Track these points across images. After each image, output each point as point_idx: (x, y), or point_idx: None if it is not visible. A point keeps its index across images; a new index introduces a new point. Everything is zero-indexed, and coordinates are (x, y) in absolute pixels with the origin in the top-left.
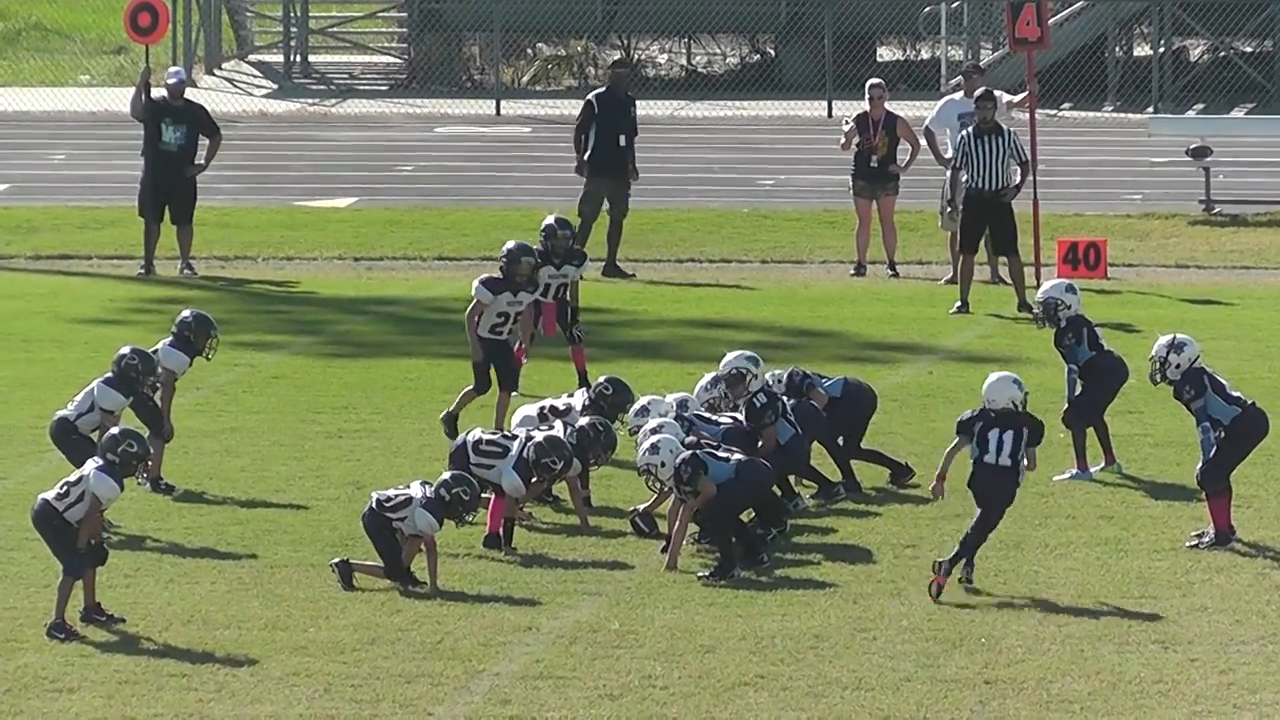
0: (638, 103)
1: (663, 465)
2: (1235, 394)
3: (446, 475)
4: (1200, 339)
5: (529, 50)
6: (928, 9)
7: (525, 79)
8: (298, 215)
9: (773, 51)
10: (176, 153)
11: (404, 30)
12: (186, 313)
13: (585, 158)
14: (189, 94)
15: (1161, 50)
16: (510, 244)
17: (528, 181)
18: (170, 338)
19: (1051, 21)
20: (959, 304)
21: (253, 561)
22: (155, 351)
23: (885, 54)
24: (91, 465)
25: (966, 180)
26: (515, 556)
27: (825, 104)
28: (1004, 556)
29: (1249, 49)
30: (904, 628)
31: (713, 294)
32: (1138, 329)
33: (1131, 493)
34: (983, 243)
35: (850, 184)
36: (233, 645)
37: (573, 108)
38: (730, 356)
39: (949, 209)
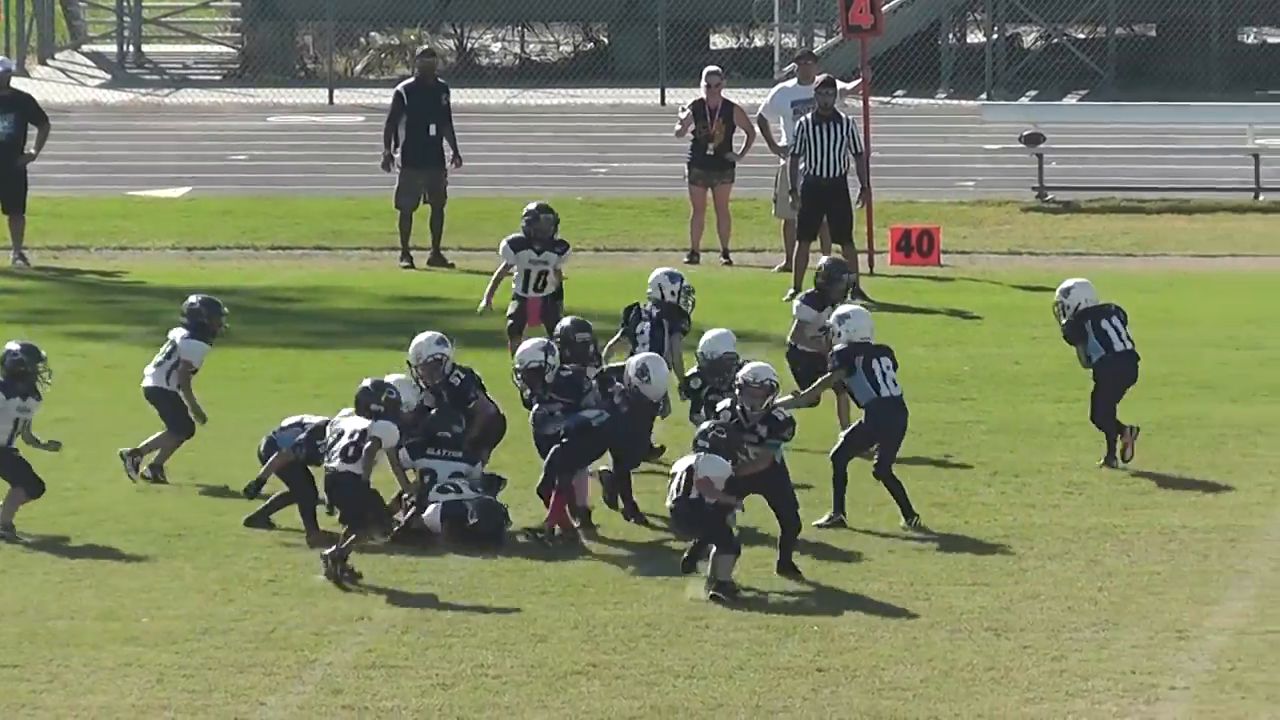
0: (473, 91)
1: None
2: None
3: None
4: (1033, 326)
5: (362, 39)
6: None
7: (358, 68)
8: (131, 205)
9: (606, 39)
10: (5, 142)
11: (237, 20)
12: (194, 298)
13: (397, 150)
14: (18, 83)
15: (995, 37)
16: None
17: (361, 170)
18: (184, 329)
19: (885, 8)
20: (793, 290)
21: (86, 551)
22: (173, 345)
23: (719, 41)
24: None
25: (804, 167)
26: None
27: (659, 92)
28: (838, 544)
29: (1082, 35)
30: (736, 616)
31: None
32: (973, 315)
33: (964, 480)
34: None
35: (686, 172)
36: (66, 636)
37: None
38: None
39: (789, 197)
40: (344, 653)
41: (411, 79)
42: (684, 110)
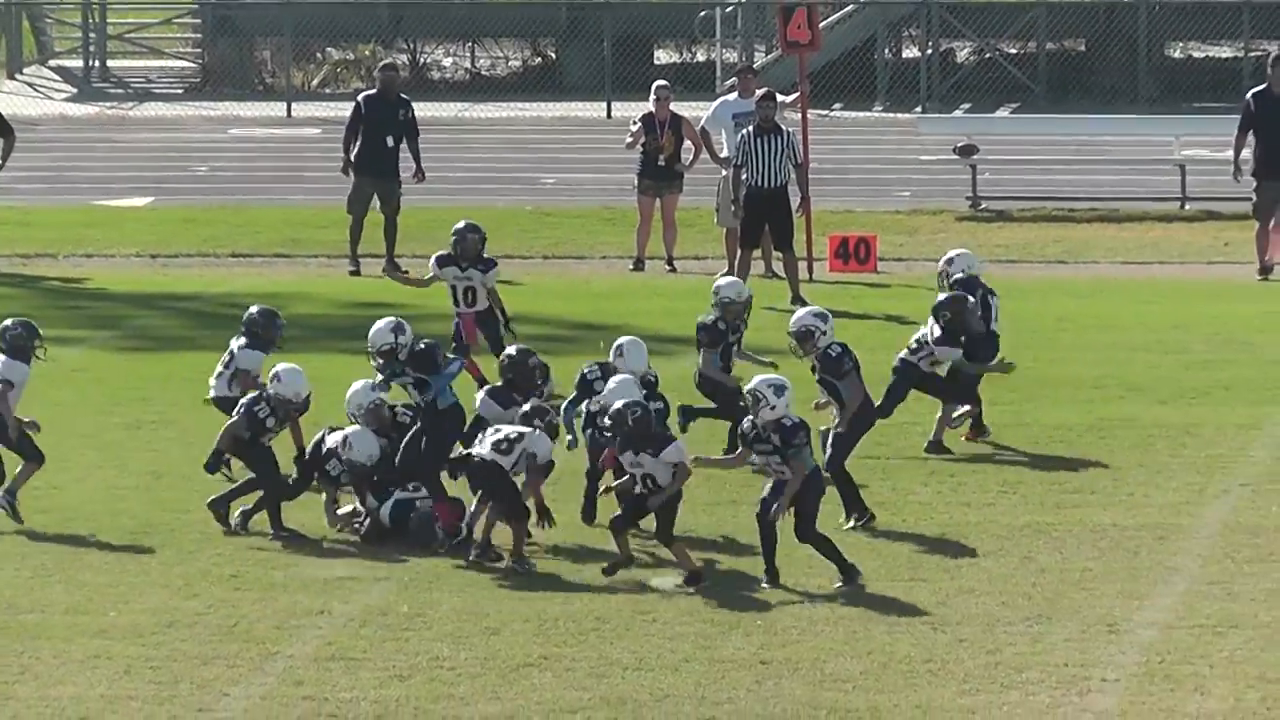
0: (426, 104)
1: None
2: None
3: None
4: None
5: (318, 54)
6: (703, 13)
7: (315, 82)
8: (96, 214)
9: (554, 54)
10: None
11: (198, 36)
12: (253, 309)
13: (351, 158)
14: None
15: (929, 52)
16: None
17: (318, 180)
18: (242, 338)
19: (823, 25)
20: None
21: (55, 548)
22: (231, 354)
23: (662, 56)
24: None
25: (746, 177)
26: (298, 542)
27: (605, 105)
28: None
29: (1013, 50)
30: (682, 610)
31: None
32: (909, 320)
33: (902, 480)
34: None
35: (636, 182)
36: (36, 629)
37: None
38: (800, 313)
39: (732, 206)
40: (304, 645)
41: (372, 90)
42: (635, 124)
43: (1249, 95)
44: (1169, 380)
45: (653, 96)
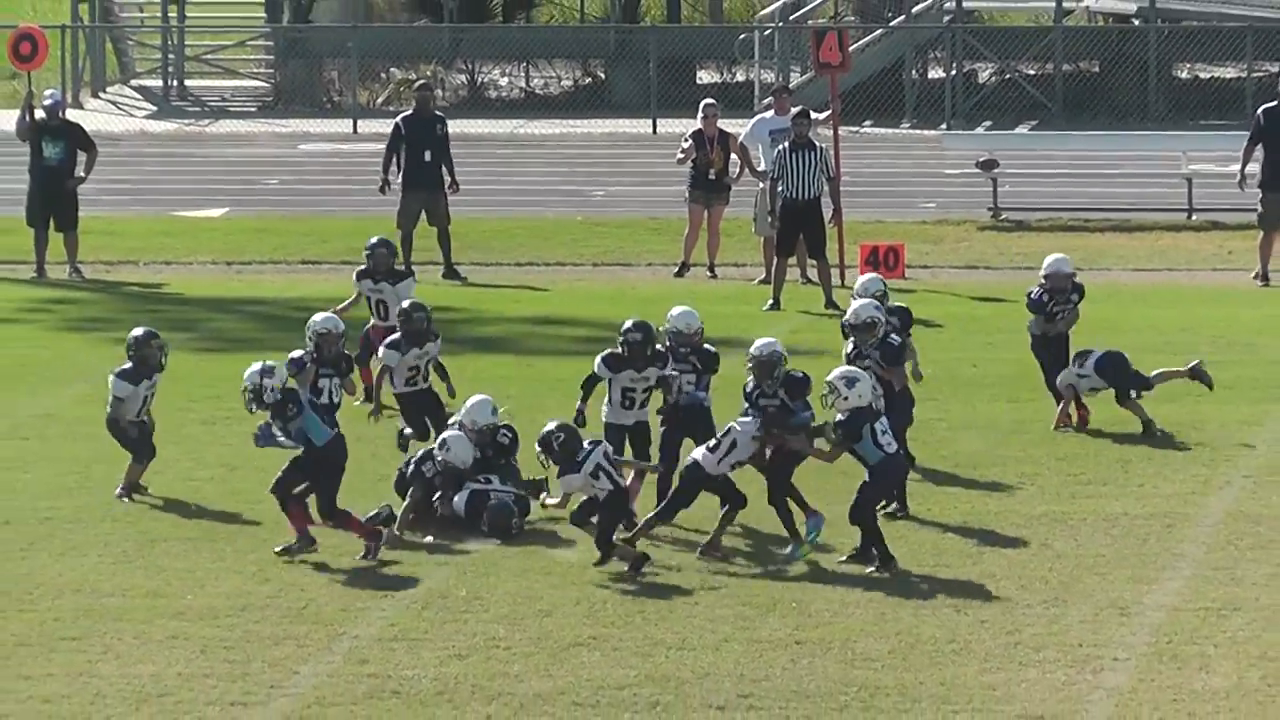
0: (482, 121)
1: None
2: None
3: None
4: (989, 334)
5: (383, 74)
6: (742, 36)
7: (380, 100)
8: (175, 224)
9: (603, 75)
10: (57, 166)
11: (270, 57)
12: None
13: (397, 176)
14: (71, 114)
15: (954, 73)
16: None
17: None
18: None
19: (853, 47)
20: (772, 302)
21: (137, 535)
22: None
23: (704, 76)
24: None
25: (782, 190)
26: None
27: (650, 122)
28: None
29: (1032, 71)
30: (723, 594)
31: (549, 294)
32: (935, 324)
33: (930, 472)
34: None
35: (687, 193)
36: (118, 611)
37: None
38: (856, 305)
39: (769, 216)
40: (369, 626)
41: (410, 111)
42: (686, 140)
43: (1260, 110)
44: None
45: (701, 114)
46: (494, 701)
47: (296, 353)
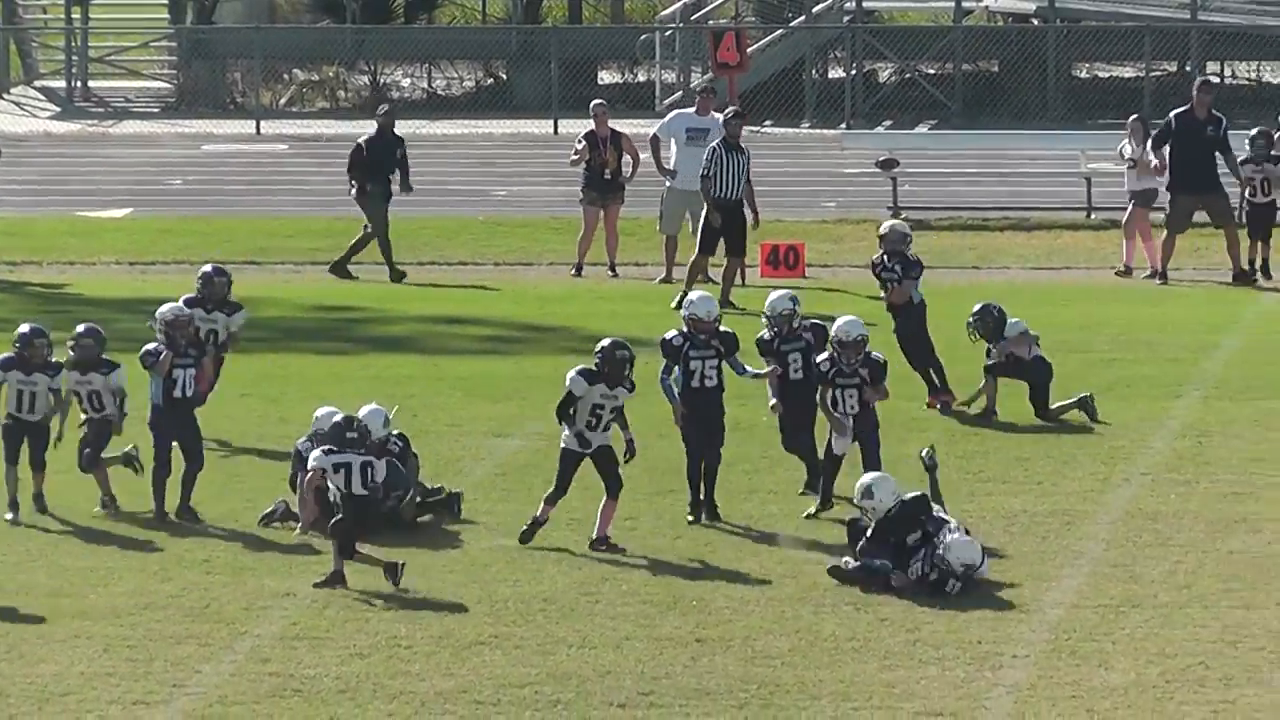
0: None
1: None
2: None
3: None
4: (888, 332)
5: (286, 75)
6: (643, 37)
7: (282, 101)
8: (79, 224)
9: (505, 75)
10: None
11: (174, 58)
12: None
13: (358, 188)
14: None
15: (854, 72)
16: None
17: (284, 193)
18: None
19: (754, 47)
20: (683, 294)
21: (39, 534)
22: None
23: (606, 77)
24: None
25: (713, 190)
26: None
27: (552, 122)
28: (711, 527)
29: (932, 71)
30: (624, 591)
31: (452, 293)
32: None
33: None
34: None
35: (581, 194)
36: (21, 610)
37: (325, 127)
38: (845, 323)
39: (713, 215)
40: (271, 625)
41: (372, 134)
42: (580, 141)
43: (1172, 114)
44: (1074, 377)
45: (591, 114)
46: (395, 700)
47: (150, 345)
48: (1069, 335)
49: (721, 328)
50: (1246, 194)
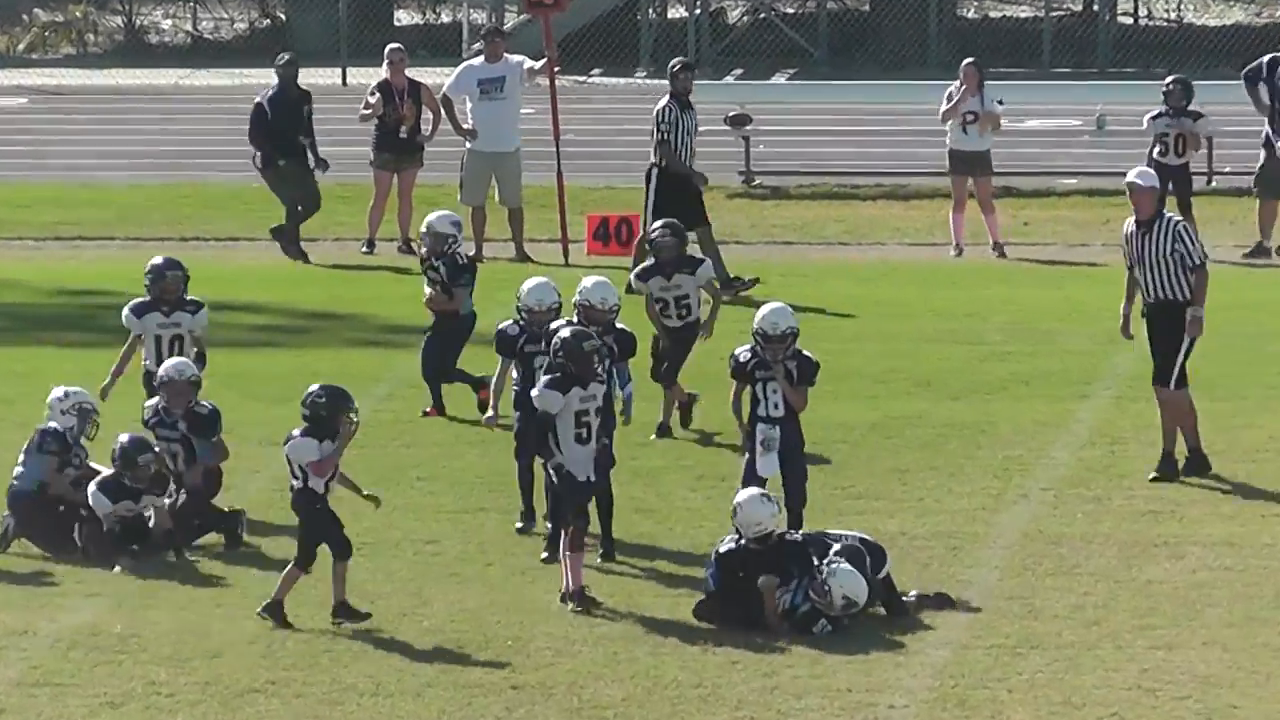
0: (141, 71)
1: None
2: None
3: None
4: (737, 321)
5: (24, 16)
6: None
7: (21, 46)
8: None
9: (284, 15)
10: None
11: None
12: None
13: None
14: None
15: (698, 12)
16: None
17: (25, 156)
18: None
19: None
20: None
21: None
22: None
23: (404, 18)
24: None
25: (678, 155)
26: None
27: (340, 72)
28: (531, 557)
29: (791, 10)
30: (425, 629)
31: (220, 273)
32: None
33: (667, 484)
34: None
35: (371, 156)
36: None
37: (72, 77)
38: (770, 312)
39: (699, 176)
40: (7, 669)
41: (273, 90)
42: (372, 93)
43: (1265, 59)
44: (962, 374)
45: (386, 61)
46: None
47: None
48: (955, 324)
49: (619, 325)
50: (1156, 152)
